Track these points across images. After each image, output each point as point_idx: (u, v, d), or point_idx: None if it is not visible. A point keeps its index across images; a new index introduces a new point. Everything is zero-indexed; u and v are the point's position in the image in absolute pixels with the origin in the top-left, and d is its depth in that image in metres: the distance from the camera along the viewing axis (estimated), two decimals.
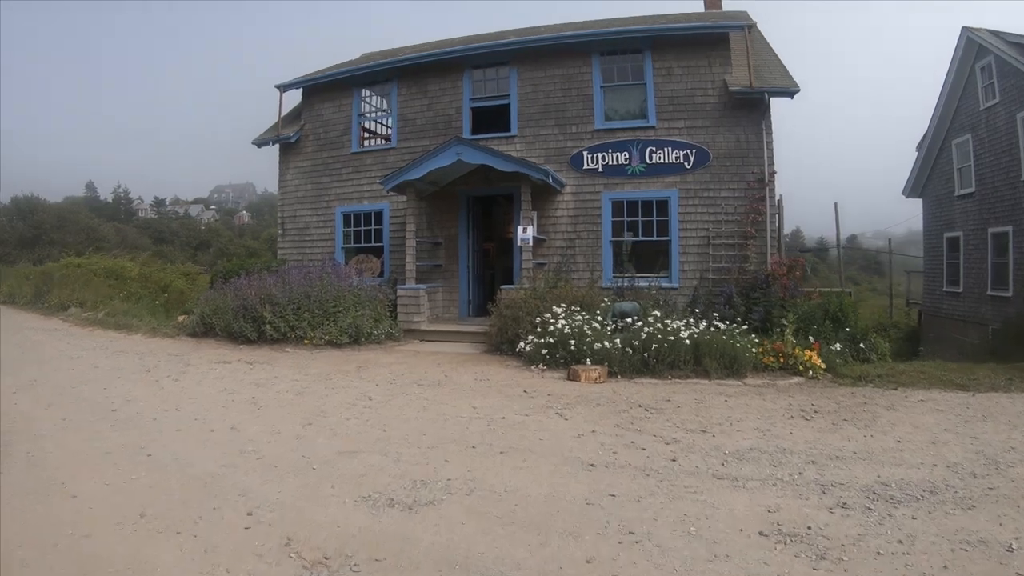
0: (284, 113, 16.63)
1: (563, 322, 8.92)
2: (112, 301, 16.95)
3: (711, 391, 7.73)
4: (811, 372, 8.89)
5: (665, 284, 12.26)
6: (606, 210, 12.98)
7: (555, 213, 13.19)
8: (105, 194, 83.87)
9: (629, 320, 9.54)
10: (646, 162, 12.89)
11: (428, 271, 13.72)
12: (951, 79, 19.18)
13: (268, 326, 11.09)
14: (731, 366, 8.58)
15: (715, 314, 10.37)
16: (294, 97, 16.71)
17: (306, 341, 11.02)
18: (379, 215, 14.48)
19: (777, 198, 12.74)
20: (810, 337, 9.60)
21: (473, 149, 11.71)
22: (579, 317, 9.15)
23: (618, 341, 8.52)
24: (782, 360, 9.08)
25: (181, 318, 14.15)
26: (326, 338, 10.93)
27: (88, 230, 51.22)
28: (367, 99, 15.39)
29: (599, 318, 9.39)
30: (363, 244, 14.86)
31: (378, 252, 14.55)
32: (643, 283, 11.96)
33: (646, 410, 6.66)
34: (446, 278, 13.62)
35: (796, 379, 8.73)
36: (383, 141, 15.56)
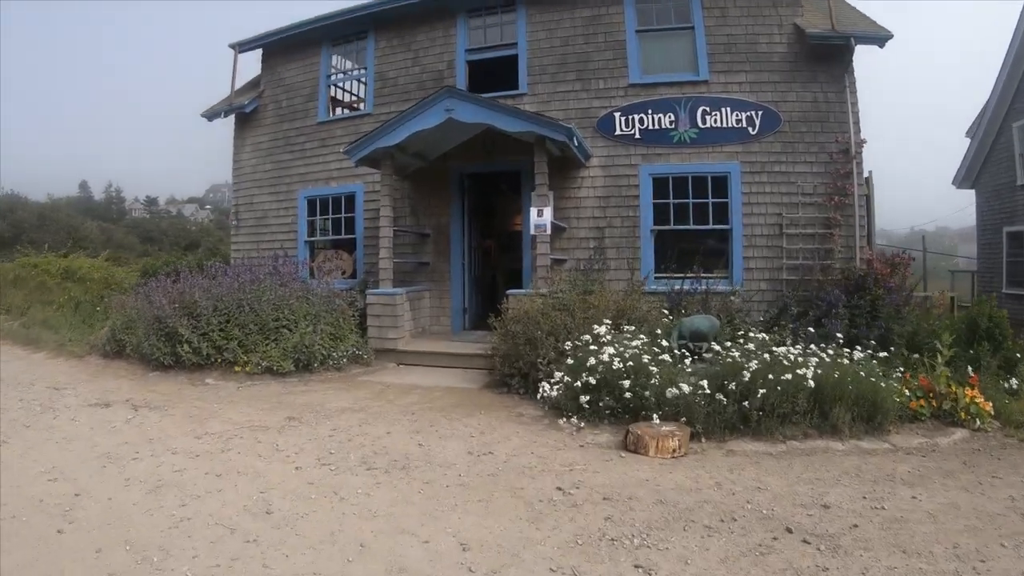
0: (242, 85, 13.60)
1: (611, 349, 5.76)
2: (35, 308, 13.95)
3: (868, 472, 4.60)
4: (976, 421, 5.81)
5: (723, 287, 9.12)
6: (646, 189, 9.87)
7: (578, 194, 10.08)
8: (98, 194, 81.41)
9: (705, 345, 6.46)
10: (698, 126, 9.79)
11: (412, 271, 10.64)
12: (1012, 55, 16.08)
13: (186, 346, 8.02)
14: (869, 416, 5.48)
15: (798, 329, 7.35)
16: (254, 66, 13.69)
17: (236, 368, 7.94)
18: (351, 200, 11.38)
19: (866, 175, 9.67)
20: (962, 367, 6.47)
21: (469, 103, 8.60)
22: (636, 342, 6.01)
23: (704, 383, 5.39)
24: (934, 404, 5.98)
25: (104, 331, 11.09)
26: (264, 364, 7.85)
27: (70, 229, 48.57)
28: (337, 58, 12.29)
29: (661, 341, 6.26)
30: (332, 236, 11.79)
31: (351, 247, 11.47)
32: (688, 285, 8.90)
33: (805, 541, 3.46)
34: (435, 280, 10.51)
35: (958, 433, 5.70)
36: (358, 107, 12.45)
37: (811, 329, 7.18)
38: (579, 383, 5.66)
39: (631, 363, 5.66)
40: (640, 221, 9.85)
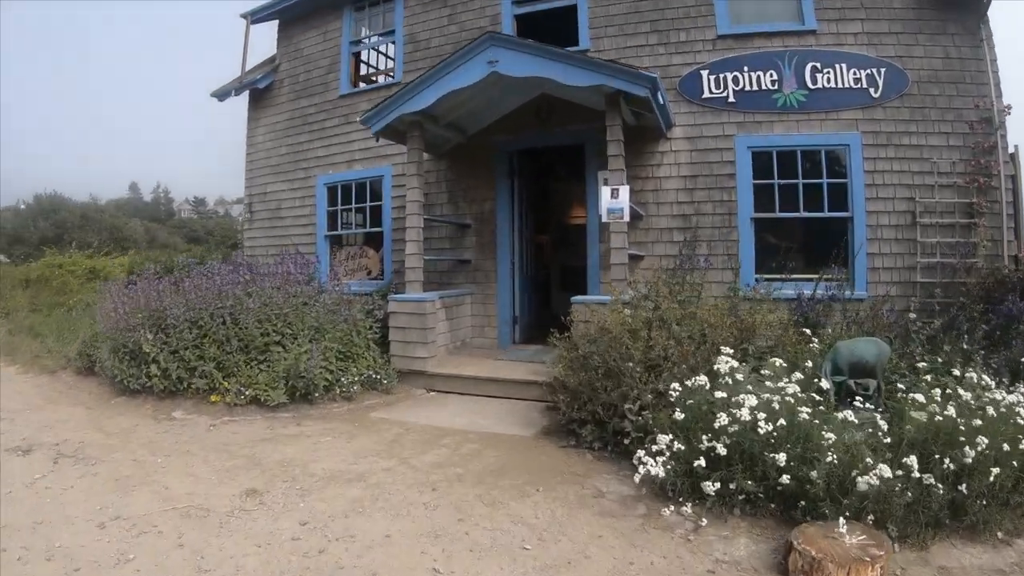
0: (256, 65, 11.86)
1: (751, 400, 3.50)
2: (22, 313, 12.52)
3: None
4: None
5: (842, 291, 6.85)
6: (744, 166, 7.64)
7: (657, 173, 7.91)
8: (147, 195, 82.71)
9: (873, 384, 4.26)
10: (807, 87, 7.55)
11: (449, 270, 8.64)
12: None
13: (154, 367, 6.19)
14: None
15: (971, 352, 5.12)
16: (268, 43, 11.89)
17: (214, 397, 6.06)
18: (377, 186, 9.46)
19: (1011, 150, 7.33)
20: None
21: (518, 51, 6.51)
22: (790, 387, 3.75)
23: (914, 462, 3.20)
24: None
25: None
26: (249, 392, 5.95)
27: (112, 229, 48.65)
28: (362, 25, 10.40)
29: (820, 381, 4.05)
30: (355, 230, 9.91)
31: (377, 243, 9.56)
32: (800, 289, 6.67)
33: None
34: (477, 282, 8.47)
35: None
36: (385, 78, 10.52)
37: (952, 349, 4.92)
38: (699, 456, 3.49)
39: (782, 421, 3.49)
40: (737, 207, 7.64)
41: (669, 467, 3.57)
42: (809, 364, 4.22)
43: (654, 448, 3.64)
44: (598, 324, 5.01)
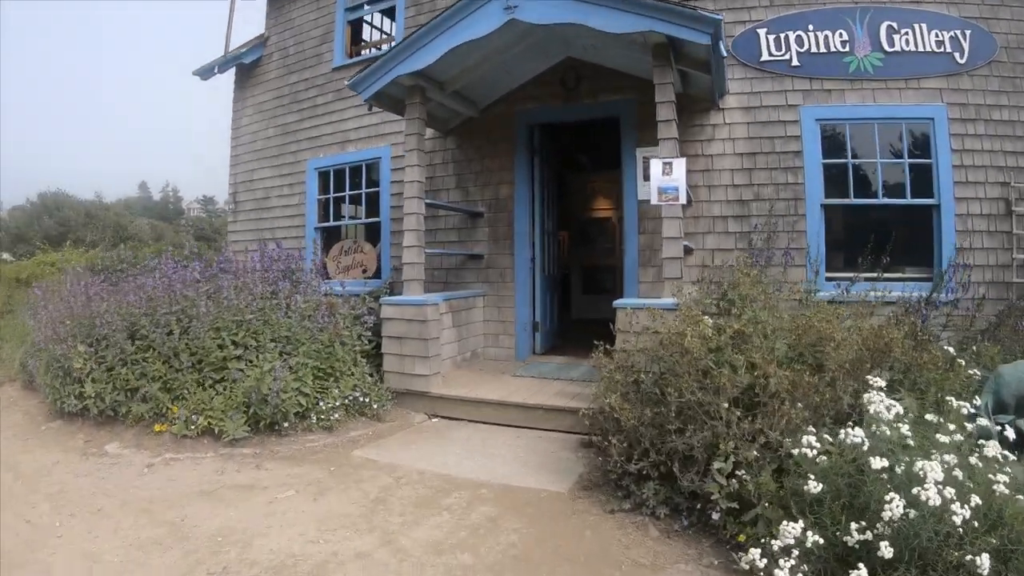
0: (242, 43, 10.60)
1: (934, 470, 2.13)
2: None
3: None
4: None
5: (921, 292, 5.48)
6: (811, 142, 6.29)
7: (708, 150, 6.53)
8: (156, 194, 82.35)
9: None
10: (883, 49, 6.23)
11: (457, 267, 7.32)
12: None
13: (88, 386, 4.92)
14: None
15: None
16: (256, 23, 10.56)
17: (158, 426, 4.78)
18: (374, 170, 8.16)
19: None
20: None
21: None
22: (988, 449, 2.41)
23: None
24: None
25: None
26: (199, 422, 4.66)
27: (117, 227, 47.80)
28: None
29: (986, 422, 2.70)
30: (348, 221, 8.62)
31: (375, 236, 8.25)
32: (867, 286, 5.34)
33: None
34: (491, 280, 7.13)
35: None
36: (386, 47, 9.21)
37: None
38: (852, 557, 2.15)
39: (976, 500, 2.15)
40: (805, 190, 6.29)
41: (806, 569, 2.21)
42: (953, 399, 2.86)
43: (776, 544, 2.29)
44: (664, 337, 3.64)
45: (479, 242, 7.18)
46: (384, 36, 9.49)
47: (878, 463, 2.24)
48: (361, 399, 5.15)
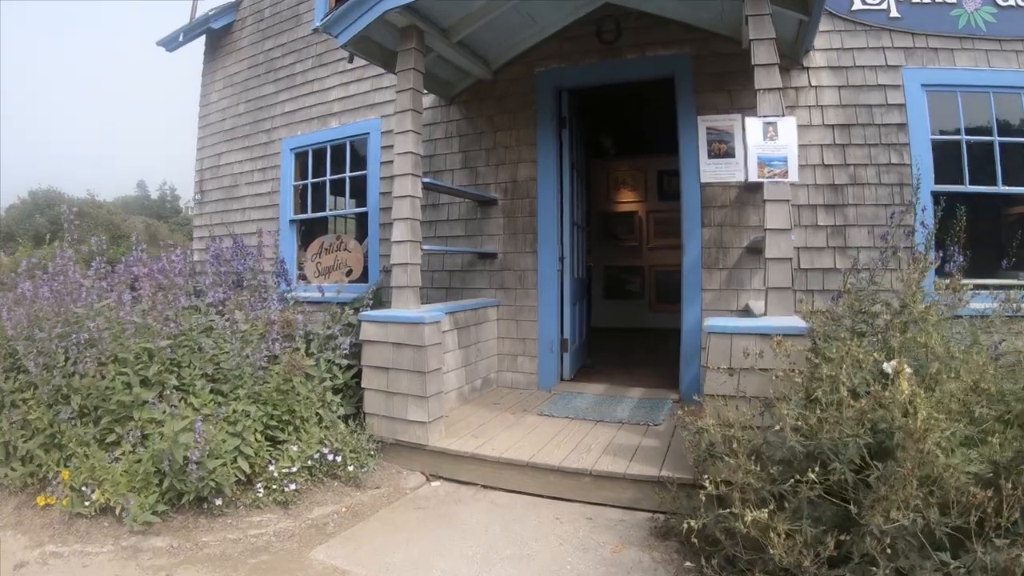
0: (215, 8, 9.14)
1: None
2: None
3: None
4: None
5: None
6: (918, 111, 4.83)
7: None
8: (154, 192, 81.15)
9: None
10: (995, 2, 4.83)
11: (464, 268, 5.81)
12: None
13: None
14: None
15: None
16: None
17: (42, 499, 3.30)
18: (361, 149, 6.64)
19: None
20: None
21: None
22: None
23: None
24: None
25: None
26: (96, 496, 3.17)
27: (109, 226, 46.42)
28: None
29: None
30: (329, 212, 7.10)
31: (362, 230, 6.77)
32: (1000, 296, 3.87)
33: None
34: (507, 286, 5.62)
35: None
36: None
37: None
38: None
39: None
40: (912, 173, 4.81)
41: None
42: None
43: None
44: (800, 382, 2.16)
45: (492, 237, 5.66)
46: None
47: None
48: (331, 458, 3.65)
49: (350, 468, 3.66)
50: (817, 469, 1.97)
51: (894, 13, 5.00)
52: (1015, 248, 3.84)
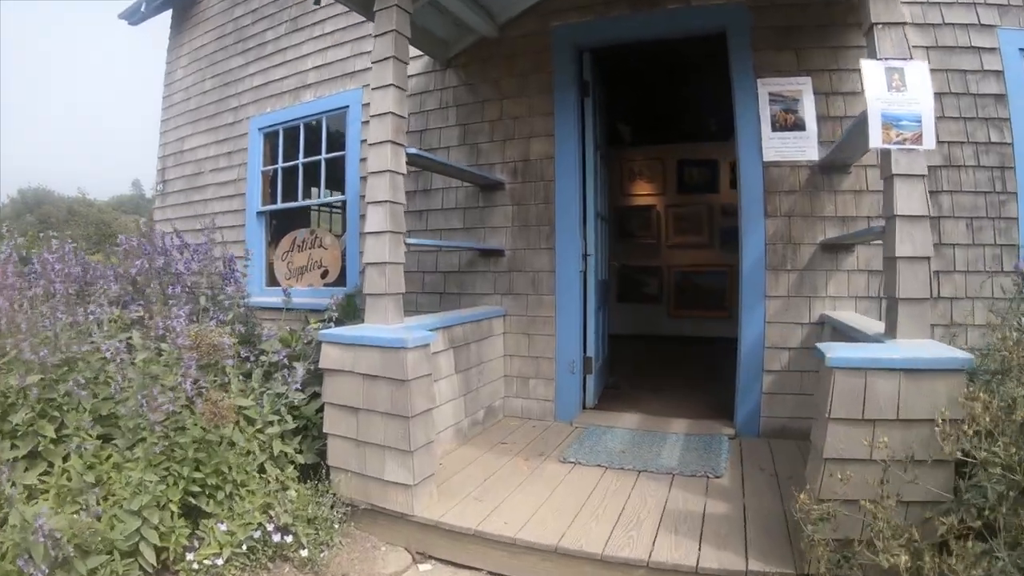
0: None
1: None
2: None
3: None
4: None
5: None
6: (1017, 83, 3.77)
7: (859, 100, 4.00)
8: (148, 191, 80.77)
9: None
10: None
11: (459, 269, 4.75)
12: None
13: None
14: None
15: None
16: None
17: None
18: (339, 126, 5.57)
19: None
20: None
21: None
22: None
23: None
24: None
25: None
26: None
27: (100, 224, 45.67)
28: None
29: None
30: (301, 202, 6.03)
31: (341, 222, 5.71)
32: None
33: None
34: (515, 290, 4.55)
35: None
36: None
37: None
38: None
39: None
40: (1015, 155, 3.79)
41: None
42: None
43: None
44: None
45: (497, 229, 4.59)
46: None
47: None
48: (278, 537, 2.59)
49: (303, 552, 2.59)
50: None
51: None
52: None
